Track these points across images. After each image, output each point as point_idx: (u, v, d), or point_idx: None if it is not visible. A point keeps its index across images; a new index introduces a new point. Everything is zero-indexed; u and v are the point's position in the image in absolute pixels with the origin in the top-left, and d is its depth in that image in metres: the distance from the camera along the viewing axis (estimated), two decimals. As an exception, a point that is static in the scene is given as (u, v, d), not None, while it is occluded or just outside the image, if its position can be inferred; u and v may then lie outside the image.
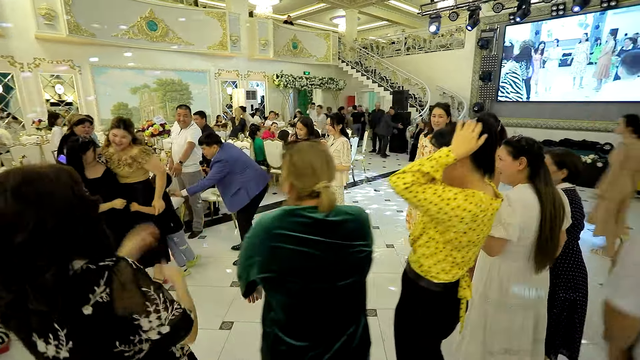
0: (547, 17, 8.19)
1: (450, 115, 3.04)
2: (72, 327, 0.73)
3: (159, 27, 8.25)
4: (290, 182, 1.05)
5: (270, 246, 0.98)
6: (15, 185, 0.68)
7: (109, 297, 0.73)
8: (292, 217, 1.00)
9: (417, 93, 11.23)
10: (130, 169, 2.57)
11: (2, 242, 0.65)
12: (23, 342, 0.76)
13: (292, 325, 1.06)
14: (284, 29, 11.02)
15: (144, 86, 8.51)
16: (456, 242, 1.21)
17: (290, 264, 0.98)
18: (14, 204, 0.66)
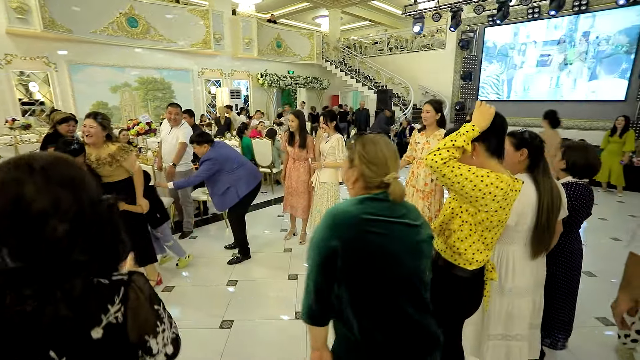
0: (523, 19, 8.52)
1: (441, 112, 3.12)
2: (73, 355, 0.58)
3: (139, 23, 8.01)
4: (359, 171, 1.05)
5: (360, 231, 0.96)
6: (47, 165, 0.58)
7: (123, 317, 0.63)
8: (374, 202, 1.01)
9: (401, 92, 11.43)
10: (111, 167, 2.50)
11: (35, 235, 0.54)
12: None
13: (375, 320, 1.01)
14: (267, 27, 10.95)
15: (125, 85, 8.25)
16: (487, 223, 1.27)
17: (382, 248, 0.97)
18: (51, 186, 0.57)
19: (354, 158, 1.07)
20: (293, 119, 3.56)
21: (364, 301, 0.99)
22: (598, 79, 8.11)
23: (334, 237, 0.96)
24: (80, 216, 0.58)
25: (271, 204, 5.42)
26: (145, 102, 8.62)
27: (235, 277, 3.15)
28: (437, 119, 3.08)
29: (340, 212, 0.99)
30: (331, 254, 0.96)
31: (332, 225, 0.98)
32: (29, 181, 0.56)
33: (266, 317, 2.54)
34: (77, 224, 0.57)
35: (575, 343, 2.20)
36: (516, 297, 1.58)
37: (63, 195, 0.57)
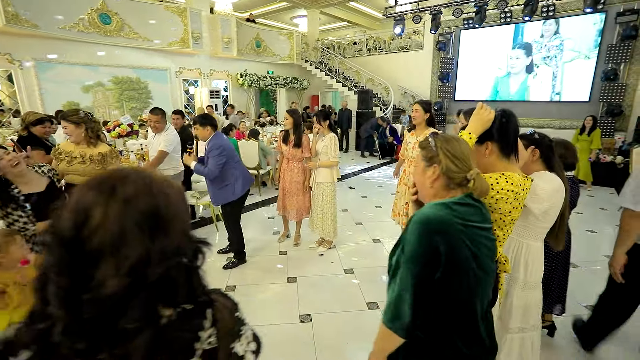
0: (497, 23, 8.89)
1: (430, 112, 3.20)
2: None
3: (112, 20, 7.64)
4: (444, 166, 1.02)
5: (457, 237, 0.92)
6: (132, 195, 0.50)
7: (216, 341, 0.57)
8: (462, 207, 0.98)
9: (381, 93, 11.60)
10: (97, 166, 2.39)
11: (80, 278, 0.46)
12: None
13: (461, 329, 0.98)
14: (246, 27, 10.77)
15: (98, 84, 7.83)
16: (500, 222, 1.30)
17: (474, 255, 0.94)
18: (122, 221, 0.48)
19: (437, 154, 1.04)
20: (287, 117, 3.52)
21: (454, 311, 0.96)
22: (563, 81, 8.62)
23: (433, 246, 0.91)
24: (140, 270, 0.47)
25: (259, 206, 5.35)
26: (120, 102, 8.23)
27: (233, 282, 3.08)
28: (426, 118, 3.16)
29: (434, 218, 0.93)
30: (432, 265, 0.91)
31: (429, 233, 0.92)
32: (101, 206, 0.48)
33: (269, 322, 2.50)
34: (136, 279, 0.47)
35: (568, 329, 2.32)
36: (532, 290, 1.65)
37: (130, 240, 0.48)
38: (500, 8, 6.98)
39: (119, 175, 0.52)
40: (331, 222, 3.60)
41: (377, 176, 7.55)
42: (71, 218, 0.48)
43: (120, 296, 0.46)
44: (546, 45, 8.66)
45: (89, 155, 2.38)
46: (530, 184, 1.34)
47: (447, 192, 1.04)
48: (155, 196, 0.52)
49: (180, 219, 0.54)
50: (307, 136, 3.60)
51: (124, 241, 0.47)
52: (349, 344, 2.29)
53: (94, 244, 0.47)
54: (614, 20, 7.63)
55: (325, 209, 3.56)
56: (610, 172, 6.30)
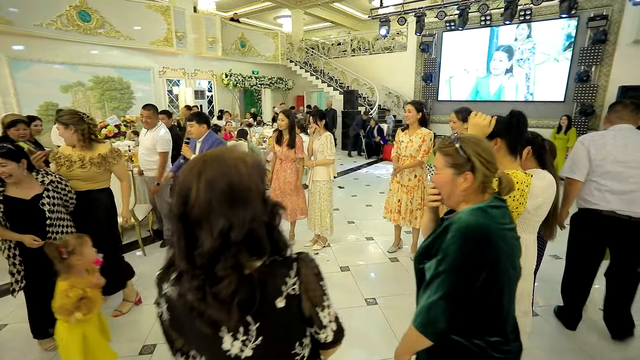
0: (477, 26, 9.19)
1: (422, 112, 3.30)
2: (264, 320, 0.70)
3: (92, 18, 7.41)
4: (482, 173, 0.97)
5: (498, 244, 0.92)
6: (213, 177, 0.64)
7: (298, 289, 0.72)
8: (495, 210, 0.98)
9: (366, 93, 11.75)
10: (98, 169, 2.30)
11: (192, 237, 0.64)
12: (202, 340, 0.72)
13: (508, 327, 1.00)
14: (231, 26, 10.67)
15: (78, 84, 7.57)
16: None
17: (510, 258, 0.95)
18: (208, 198, 0.63)
19: (468, 161, 0.98)
20: (283, 118, 3.53)
21: (489, 312, 0.96)
22: (536, 82, 9.05)
23: (477, 255, 0.90)
24: (226, 233, 0.62)
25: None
26: (101, 103, 7.98)
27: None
28: (419, 118, 3.27)
29: (476, 227, 0.92)
30: (475, 273, 0.90)
31: (472, 242, 0.91)
32: (194, 188, 0.63)
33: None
34: (224, 240, 0.62)
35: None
36: (525, 280, 1.75)
37: (216, 211, 0.62)
38: (482, 11, 7.22)
39: (203, 161, 0.65)
40: (329, 219, 3.66)
41: (365, 175, 7.67)
42: (178, 198, 0.64)
43: (215, 252, 0.61)
44: (520, 48, 9.07)
45: (89, 159, 2.27)
46: (531, 180, 1.42)
47: (478, 196, 1.01)
48: (230, 176, 0.64)
49: (254, 190, 0.66)
50: (299, 137, 3.64)
51: (212, 213, 0.62)
52: (349, 340, 2.33)
53: (194, 215, 0.62)
54: (586, 25, 8.05)
55: (322, 206, 3.62)
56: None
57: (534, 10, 8.33)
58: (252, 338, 0.70)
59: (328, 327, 0.78)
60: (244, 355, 0.71)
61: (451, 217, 1.01)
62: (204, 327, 0.67)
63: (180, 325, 0.73)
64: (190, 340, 0.76)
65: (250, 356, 0.71)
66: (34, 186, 2.02)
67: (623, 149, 2.04)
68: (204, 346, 0.74)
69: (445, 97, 10.55)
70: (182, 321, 0.72)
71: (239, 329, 0.69)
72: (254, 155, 0.73)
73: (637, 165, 2.02)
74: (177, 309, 0.71)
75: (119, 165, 2.41)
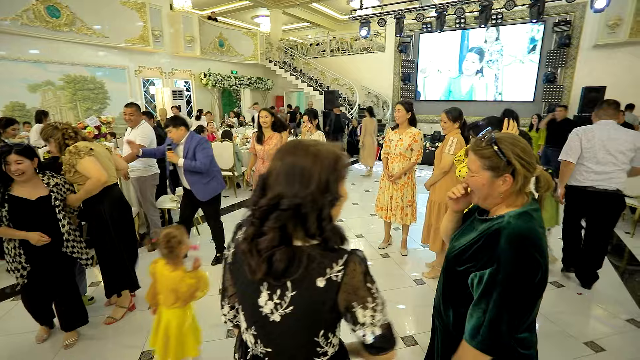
0: (452, 28, 9.53)
1: (412, 111, 3.40)
2: (300, 291, 0.76)
3: (62, 14, 7.04)
4: (522, 175, 0.95)
5: (545, 249, 0.92)
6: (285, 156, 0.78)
7: (341, 278, 0.75)
8: (537, 212, 0.99)
9: (346, 93, 11.88)
10: (70, 175, 2.24)
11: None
12: (246, 287, 0.81)
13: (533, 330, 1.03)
14: (209, 25, 10.47)
15: (47, 83, 7.16)
16: None
17: (545, 260, 0.95)
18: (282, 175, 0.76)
19: (509, 162, 0.95)
20: (266, 115, 3.52)
21: (531, 315, 0.96)
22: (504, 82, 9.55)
23: (534, 262, 0.90)
24: (278, 200, 0.74)
25: (235, 208, 5.28)
26: (73, 103, 7.59)
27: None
28: (408, 117, 3.37)
29: (528, 233, 0.92)
30: (533, 279, 0.89)
31: (528, 250, 0.90)
32: (277, 162, 0.80)
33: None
34: (276, 204, 0.74)
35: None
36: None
37: (278, 182, 0.75)
38: (459, 14, 7.51)
39: (294, 146, 0.79)
40: None
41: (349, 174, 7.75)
42: (269, 167, 0.80)
43: (266, 209, 0.74)
44: (489, 50, 9.54)
45: (64, 167, 2.24)
46: None
47: (518, 198, 0.99)
48: (301, 161, 0.75)
49: (315, 179, 0.74)
50: (280, 135, 3.60)
51: (275, 181, 0.76)
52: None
53: (268, 180, 0.78)
54: (552, 30, 8.56)
55: None
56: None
57: (505, 15, 8.75)
58: (285, 304, 0.76)
59: (367, 328, 0.78)
60: (272, 319, 0.78)
61: (495, 221, 0.98)
62: (249, 274, 0.77)
63: (236, 269, 0.84)
64: (238, 287, 0.85)
65: (277, 322, 0.77)
66: (39, 187, 2.07)
67: (607, 139, 2.61)
68: (245, 295, 0.82)
69: (423, 96, 10.88)
70: (238, 265, 0.82)
71: (276, 290, 0.76)
72: (339, 153, 0.80)
73: (615, 152, 2.59)
74: (238, 254, 0.82)
75: (80, 164, 2.20)
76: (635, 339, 2.30)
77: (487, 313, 0.90)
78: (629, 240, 3.85)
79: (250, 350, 0.86)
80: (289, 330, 0.78)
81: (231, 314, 0.96)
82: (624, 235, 3.99)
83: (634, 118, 7.11)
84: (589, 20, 8.18)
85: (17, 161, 1.92)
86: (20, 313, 2.62)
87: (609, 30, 7.82)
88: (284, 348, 0.81)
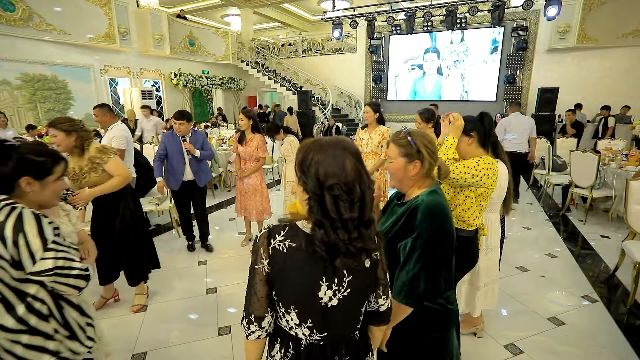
0: (420, 31, 9.94)
1: (379, 112, 3.57)
2: (355, 275, 0.85)
3: (17, 8, 6.59)
4: (428, 162, 1.18)
5: (451, 217, 1.16)
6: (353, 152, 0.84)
7: (377, 256, 0.90)
8: (442, 192, 1.25)
9: (319, 93, 12.01)
10: (97, 174, 2.21)
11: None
12: (302, 288, 0.84)
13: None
14: (179, 23, 10.20)
15: (3, 82, 6.67)
16: (485, 194, 1.68)
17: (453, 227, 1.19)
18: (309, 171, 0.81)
19: (419, 151, 1.18)
20: (242, 118, 3.54)
21: (450, 275, 1.18)
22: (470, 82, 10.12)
23: (445, 228, 1.12)
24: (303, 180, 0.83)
25: (214, 210, 5.23)
26: (33, 103, 7.13)
27: (213, 284, 3.05)
28: (376, 117, 3.54)
29: (438, 206, 1.14)
30: (444, 243, 1.12)
31: (439, 218, 1.12)
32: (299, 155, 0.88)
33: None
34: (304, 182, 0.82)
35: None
36: (491, 251, 2.07)
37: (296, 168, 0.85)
38: (427, 18, 7.87)
39: (312, 144, 0.85)
40: None
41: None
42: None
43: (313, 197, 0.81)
44: (455, 51, 10.07)
45: (84, 166, 2.17)
46: (497, 162, 1.73)
47: (425, 181, 1.23)
48: (313, 156, 0.81)
49: (315, 173, 0.79)
50: (261, 136, 3.63)
51: (297, 168, 0.84)
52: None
53: (299, 168, 0.84)
54: (510, 34, 9.18)
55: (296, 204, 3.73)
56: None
57: (469, 19, 9.26)
58: (342, 289, 0.85)
59: (387, 299, 0.95)
60: (330, 304, 0.85)
61: (413, 201, 1.19)
62: (314, 273, 0.84)
63: (283, 275, 0.85)
64: (288, 289, 0.86)
65: (335, 305, 0.85)
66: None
67: (516, 124, 4.93)
68: (302, 294, 0.86)
69: (394, 96, 11.25)
70: (286, 271, 0.84)
71: (334, 280, 0.84)
72: (349, 147, 0.86)
73: (518, 130, 4.89)
74: (283, 261, 0.84)
75: (110, 163, 2.22)
76: (590, 312, 2.59)
77: (410, 272, 1.11)
78: (582, 227, 4.26)
79: (304, 342, 0.90)
80: (344, 310, 0.87)
81: (269, 323, 0.91)
82: (578, 222, 4.41)
83: (582, 117, 7.80)
84: (542, 26, 8.87)
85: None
86: None
87: (559, 36, 8.53)
88: (338, 327, 0.90)
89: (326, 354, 0.90)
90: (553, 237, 4.01)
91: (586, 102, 8.23)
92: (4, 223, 1.01)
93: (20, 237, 1.01)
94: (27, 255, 1.02)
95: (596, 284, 2.96)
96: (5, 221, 1.01)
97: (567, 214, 4.72)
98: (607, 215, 4.45)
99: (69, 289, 1.12)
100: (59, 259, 1.07)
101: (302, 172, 0.82)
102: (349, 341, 0.93)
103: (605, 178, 4.47)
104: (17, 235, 1.01)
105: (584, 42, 8.29)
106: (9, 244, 1.00)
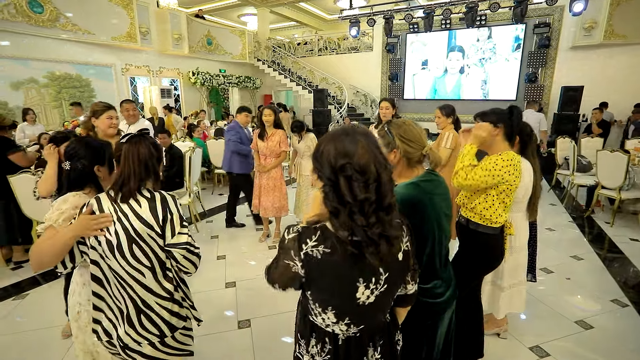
0: (438, 29, 9.79)
1: (396, 107, 3.53)
2: (390, 271, 0.86)
3: (45, 9, 6.84)
4: (402, 150, 1.19)
5: (431, 210, 1.15)
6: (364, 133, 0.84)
7: (408, 246, 0.91)
8: (427, 183, 1.19)
9: (334, 92, 11.99)
10: None
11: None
12: (340, 290, 0.84)
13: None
14: (197, 23, 10.35)
15: (31, 81, 6.93)
16: (507, 191, 1.64)
17: (438, 218, 1.18)
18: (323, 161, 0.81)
19: (394, 140, 1.20)
20: (270, 114, 3.56)
21: (429, 267, 1.20)
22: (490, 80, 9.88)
23: (416, 219, 1.11)
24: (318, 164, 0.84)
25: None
26: (58, 101, 7.39)
27: (231, 279, 3.09)
28: (393, 114, 3.50)
29: (406, 199, 1.13)
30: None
31: (405, 209, 1.09)
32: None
33: (282, 311, 2.59)
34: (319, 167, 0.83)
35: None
36: (517, 252, 2.01)
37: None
38: (445, 15, 7.74)
39: (325, 135, 0.86)
40: None
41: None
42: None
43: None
44: (482, 49, 9.81)
45: None
46: (520, 158, 1.69)
47: (412, 171, 1.22)
48: (325, 144, 0.82)
49: (327, 157, 0.80)
50: (283, 131, 3.66)
51: (313, 159, 0.85)
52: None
53: (314, 158, 0.84)
54: (532, 31, 8.93)
55: (309, 198, 3.75)
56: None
57: (489, 16, 9.07)
58: (379, 286, 0.85)
59: (416, 284, 1.00)
60: (368, 302, 0.86)
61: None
62: (350, 276, 0.83)
63: (319, 281, 0.85)
64: (325, 294, 0.87)
65: (372, 302, 0.86)
66: None
67: (530, 116, 5.42)
68: (340, 297, 0.85)
69: (410, 95, 11.11)
70: (322, 278, 0.85)
71: (371, 279, 0.84)
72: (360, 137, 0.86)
73: (533, 122, 4.70)
74: (318, 267, 0.82)
75: None
76: (619, 316, 2.49)
77: None
78: (609, 229, 4.11)
79: (340, 337, 0.91)
80: (379, 303, 0.89)
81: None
82: (604, 224, 4.26)
83: (610, 116, 7.52)
84: (566, 22, 8.58)
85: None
86: (25, 311, 2.59)
87: (585, 32, 8.23)
88: (374, 319, 0.92)
89: (363, 344, 0.91)
90: (578, 239, 3.88)
91: (612, 101, 7.92)
92: (154, 201, 1.19)
93: (168, 213, 1.19)
94: (169, 228, 1.19)
95: (625, 288, 2.85)
96: (155, 200, 1.20)
97: (592, 216, 4.56)
98: (636, 217, 4.28)
99: (190, 265, 1.25)
100: (189, 236, 1.24)
101: (316, 161, 0.82)
102: (382, 326, 0.96)
103: (635, 179, 4.29)
104: (165, 211, 1.19)
105: (612, 38, 7.98)
106: (161, 218, 1.18)
